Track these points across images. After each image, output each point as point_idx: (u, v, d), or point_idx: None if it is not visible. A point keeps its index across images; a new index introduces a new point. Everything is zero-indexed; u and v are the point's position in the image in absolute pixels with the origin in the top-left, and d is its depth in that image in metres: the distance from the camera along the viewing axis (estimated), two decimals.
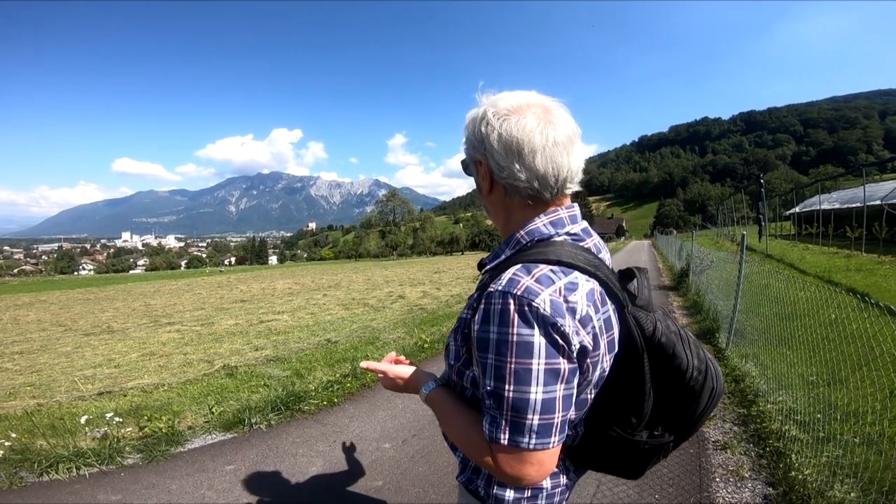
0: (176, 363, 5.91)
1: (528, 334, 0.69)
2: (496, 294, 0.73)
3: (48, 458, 2.94)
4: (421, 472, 2.78)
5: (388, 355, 1.14)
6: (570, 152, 0.80)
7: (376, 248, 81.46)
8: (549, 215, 0.84)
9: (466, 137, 0.88)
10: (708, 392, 0.83)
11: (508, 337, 0.70)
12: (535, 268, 0.75)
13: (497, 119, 0.80)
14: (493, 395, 0.73)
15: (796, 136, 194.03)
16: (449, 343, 0.95)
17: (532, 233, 0.83)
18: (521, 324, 0.70)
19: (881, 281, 7.69)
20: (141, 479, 2.83)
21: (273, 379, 4.61)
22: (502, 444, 0.73)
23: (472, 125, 0.86)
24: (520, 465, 0.74)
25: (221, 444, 3.27)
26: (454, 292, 11.87)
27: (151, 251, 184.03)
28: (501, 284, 0.74)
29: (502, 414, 0.72)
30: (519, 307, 0.70)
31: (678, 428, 0.87)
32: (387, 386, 1.07)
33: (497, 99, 0.84)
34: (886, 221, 12.96)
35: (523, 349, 0.70)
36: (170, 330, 9.06)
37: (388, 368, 1.05)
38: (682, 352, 0.81)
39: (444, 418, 0.92)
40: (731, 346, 4.73)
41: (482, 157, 0.84)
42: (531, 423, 0.71)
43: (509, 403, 0.71)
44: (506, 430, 0.72)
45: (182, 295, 18.41)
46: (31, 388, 5.19)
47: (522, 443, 0.72)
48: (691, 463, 2.75)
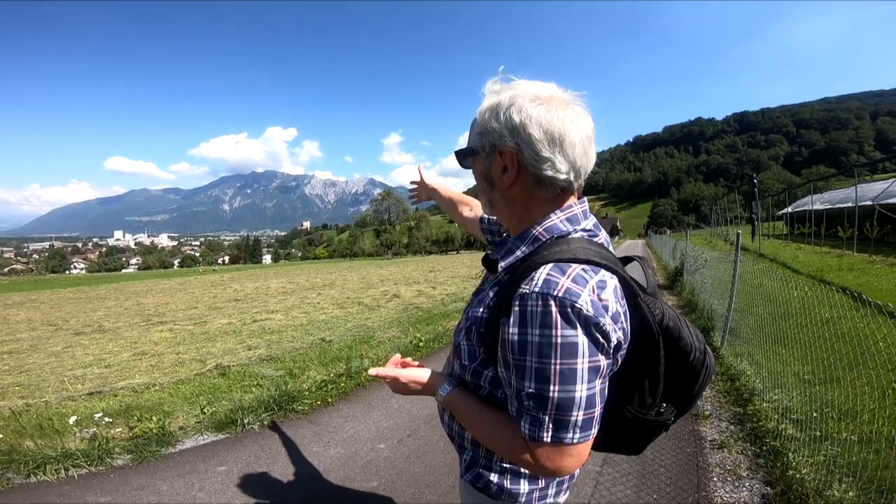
0: (168, 363, 5.83)
1: (572, 335, 0.69)
2: (533, 296, 0.71)
3: (36, 459, 2.87)
4: (416, 472, 2.75)
5: (392, 358, 1.06)
6: (593, 147, 0.82)
7: (371, 247, 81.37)
8: (564, 211, 0.84)
9: (485, 126, 0.83)
10: (705, 370, 0.88)
11: (552, 339, 0.70)
12: (568, 268, 0.74)
13: (536, 106, 0.77)
14: (534, 396, 0.73)
15: (789, 137, 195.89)
16: (459, 343, 0.94)
17: (550, 229, 0.82)
18: (565, 325, 0.69)
19: (873, 280, 7.76)
20: (131, 480, 2.78)
21: (266, 378, 4.55)
22: (545, 443, 0.74)
23: (496, 111, 0.81)
24: (561, 459, 0.75)
25: (213, 445, 3.22)
26: (449, 291, 11.84)
27: (144, 250, 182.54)
28: (538, 286, 0.72)
29: (546, 413, 0.72)
30: (561, 308, 0.69)
31: (679, 404, 0.91)
32: (397, 391, 1.01)
33: (521, 85, 0.82)
34: (878, 221, 13.08)
35: (568, 350, 0.70)
36: (162, 329, 8.96)
37: (401, 373, 0.99)
38: (687, 334, 0.86)
39: (467, 418, 0.90)
40: (726, 345, 4.73)
41: (512, 147, 0.79)
42: (576, 420, 0.72)
43: (554, 403, 0.71)
44: (549, 429, 0.73)
45: (175, 294, 18.23)
46: (19, 388, 5.10)
47: (567, 438, 0.73)
48: (689, 462, 2.74)
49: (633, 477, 2.60)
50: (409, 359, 1.07)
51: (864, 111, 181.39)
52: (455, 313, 8.01)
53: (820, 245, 14.67)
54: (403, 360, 1.06)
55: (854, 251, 11.74)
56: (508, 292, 0.77)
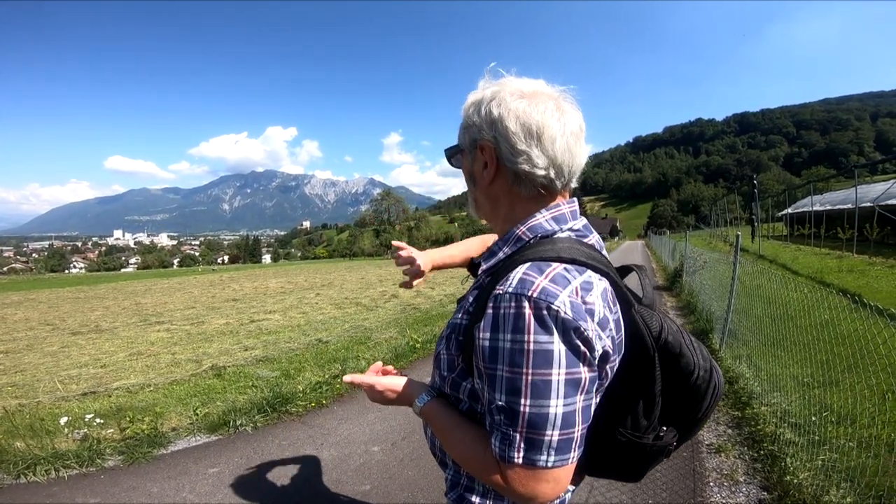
0: (163, 363, 5.81)
1: (546, 341, 0.62)
2: (506, 297, 0.65)
3: (25, 460, 2.86)
4: (410, 476, 2.72)
5: (373, 365, 1.03)
6: (581, 144, 0.78)
7: (371, 247, 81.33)
8: (550, 210, 0.79)
9: (468, 120, 0.81)
10: (712, 391, 0.79)
11: (524, 345, 0.63)
12: (547, 266, 0.68)
13: (514, 99, 0.75)
14: (504, 410, 0.66)
15: (789, 138, 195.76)
16: (439, 352, 0.87)
17: (534, 229, 0.77)
18: (539, 330, 0.63)
19: (873, 282, 7.72)
20: (121, 481, 2.75)
21: (261, 380, 4.53)
22: (516, 464, 0.66)
23: (478, 106, 0.79)
24: (535, 484, 0.67)
25: (205, 447, 3.19)
26: (448, 291, 11.81)
27: (143, 249, 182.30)
28: (511, 286, 0.66)
29: (516, 430, 0.65)
30: (536, 311, 0.63)
31: (682, 428, 0.82)
32: (374, 399, 0.96)
33: (507, 81, 0.79)
34: (878, 223, 13.04)
35: (542, 358, 0.63)
36: (159, 329, 8.93)
37: (376, 381, 0.93)
38: (689, 351, 0.77)
39: (442, 433, 0.83)
40: (725, 348, 4.70)
41: (490, 141, 0.76)
42: (550, 440, 0.65)
43: (525, 419, 0.64)
44: (520, 449, 0.65)
45: (173, 294, 18.20)
46: (13, 387, 5.08)
47: (540, 461, 0.65)
48: (685, 467, 2.71)
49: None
50: (391, 367, 1.02)
51: (865, 112, 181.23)
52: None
53: (820, 246, 14.64)
54: (384, 368, 1.02)
55: (854, 253, 11.71)
56: (485, 295, 0.72)
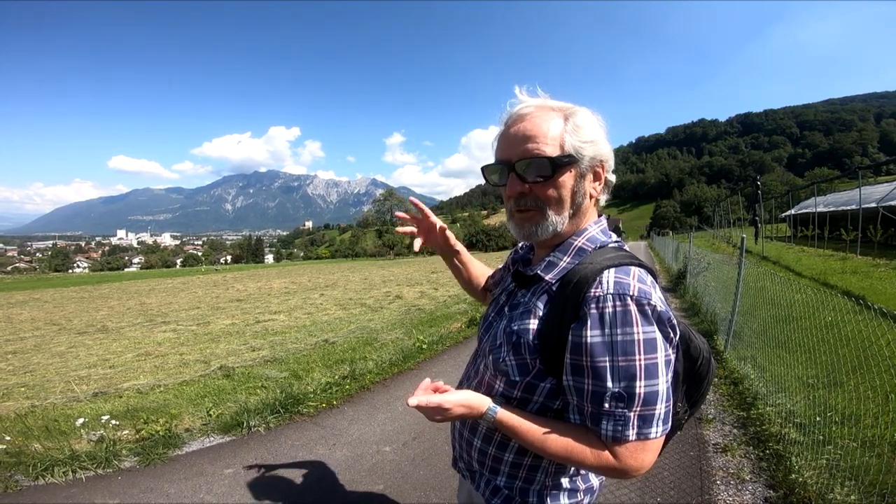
0: (172, 363, 5.86)
1: (650, 331, 0.75)
2: (609, 297, 0.76)
3: (43, 462, 2.90)
4: (422, 475, 2.77)
5: (422, 383, 0.92)
6: None
7: (373, 248, 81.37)
8: (598, 224, 0.92)
9: (579, 136, 0.84)
10: (710, 373, 0.96)
11: (634, 336, 0.74)
12: (629, 270, 0.80)
13: (592, 118, 0.88)
14: (619, 395, 0.75)
15: (792, 139, 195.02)
16: (500, 360, 0.88)
17: (593, 240, 0.89)
18: (644, 322, 0.74)
19: (876, 284, 7.72)
20: (138, 482, 2.80)
21: (271, 380, 4.58)
22: (629, 441, 0.76)
23: (576, 125, 0.85)
24: (643, 455, 0.77)
25: (220, 447, 3.24)
26: (452, 293, 11.84)
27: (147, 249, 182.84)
28: (610, 287, 0.77)
29: (632, 410, 0.75)
30: (639, 307, 0.75)
31: (689, 407, 0.98)
32: (434, 418, 0.86)
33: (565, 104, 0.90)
34: (881, 224, 13.02)
35: (650, 346, 0.74)
36: (165, 329, 9.00)
37: (444, 399, 0.84)
38: (695, 338, 0.93)
39: (529, 434, 0.82)
40: (730, 349, 4.74)
41: (602, 160, 0.88)
42: (659, 413, 0.76)
43: (641, 399, 0.74)
44: (635, 426, 0.75)
45: (177, 293, 18.30)
46: (24, 388, 5.13)
47: (651, 433, 0.76)
48: (692, 466, 2.75)
49: (637, 480, 2.61)
50: (440, 383, 0.93)
51: (869, 113, 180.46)
52: (458, 315, 7.98)
53: (823, 248, 14.61)
54: (435, 385, 0.92)
55: (858, 254, 11.69)
56: (571, 299, 0.80)
